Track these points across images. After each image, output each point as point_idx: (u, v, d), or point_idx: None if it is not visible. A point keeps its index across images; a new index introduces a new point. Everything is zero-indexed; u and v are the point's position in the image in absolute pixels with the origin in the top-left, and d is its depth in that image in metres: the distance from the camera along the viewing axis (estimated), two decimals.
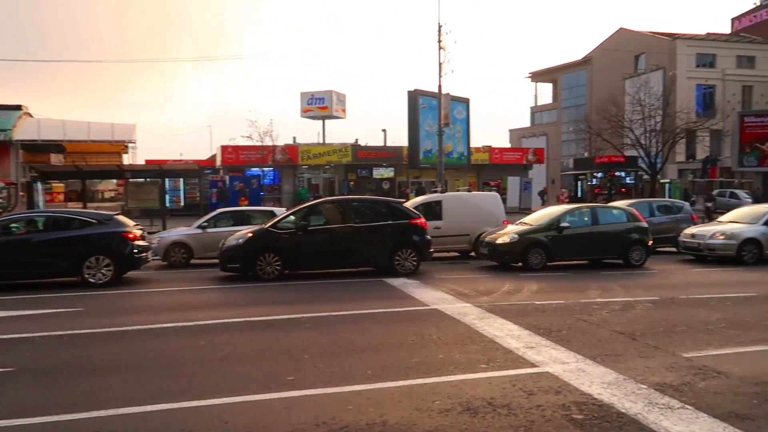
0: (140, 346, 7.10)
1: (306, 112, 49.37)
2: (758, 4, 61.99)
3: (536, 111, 67.38)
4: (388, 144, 42.05)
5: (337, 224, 13.12)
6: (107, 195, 39.17)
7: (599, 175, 44.17)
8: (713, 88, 47.24)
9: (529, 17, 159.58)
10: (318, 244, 12.76)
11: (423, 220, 13.75)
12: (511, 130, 67.38)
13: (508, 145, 58.40)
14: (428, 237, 13.63)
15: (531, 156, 43.26)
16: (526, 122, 67.91)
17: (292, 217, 13.05)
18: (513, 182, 39.43)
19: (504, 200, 36.80)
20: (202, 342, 7.21)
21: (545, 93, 67.59)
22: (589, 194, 42.20)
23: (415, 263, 13.06)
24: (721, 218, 17.51)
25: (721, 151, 42.87)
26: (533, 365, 6.11)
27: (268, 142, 34.51)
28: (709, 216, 24.88)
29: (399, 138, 39.63)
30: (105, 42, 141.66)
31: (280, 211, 15.79)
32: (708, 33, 53.76)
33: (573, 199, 39.14)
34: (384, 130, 42.83)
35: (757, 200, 30.04)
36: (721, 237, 14.97)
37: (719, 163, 40.84)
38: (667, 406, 4.96)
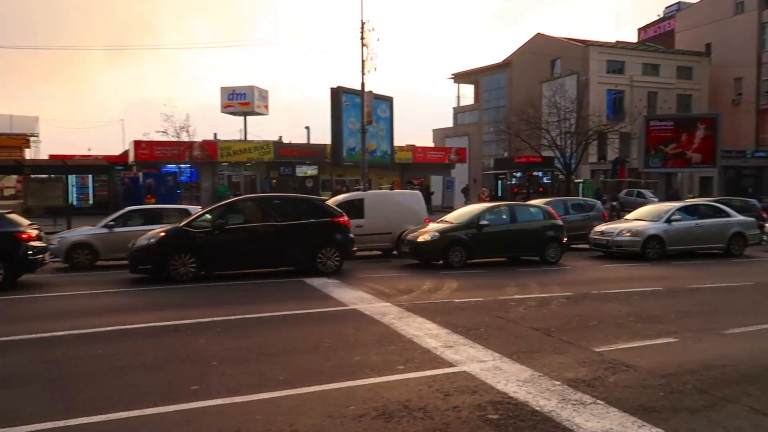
0: (25, 357, 6.44)
1: (226, 108, 47.98)
2: (662, 16, 66.31)
3: (458, 112, 68.61)
4: (312, 141, 41.51)
5: (257, 223, 12.65)
6: (7, 192, 36.41)
7: (518, 174, 45.59)
8: (622, 93, 49.81)
9: (452, 20, 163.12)
10: (236, 243, 12.25)
11: (346, 218, 13.52)
12: (434, 130, 68.22)
13: (432, 145, 59.17)
14: (351, 235, 13.42)
15: (453, 155, 44.01)
16: (449, 122, 69.06)
17: (209, 216, 12.47)
18: (436, 181, 39.97)
19: (430, 199, 37.30)
20: (99, 351, 6.63)
21: (468, 94, 69.08)
22: (509, 193, 43.48)
23: (338, 262, 12.82)
24: (628, 216, 18.35)
25: (630, 152, 45.30)
26: (451, 365, 6.01)
27: (184, 138, 33.11)
28: (616, 214, 26.10)
29: (324, 136, 39.17)
30: (5, 26, 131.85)
31: (195, 210, 15.11)
32: (617, 41, 56.70)
33: (493, 197, 40.13)
34: (307, 128, 42.34)
35: (669, 199, 31.94)
36: (628, 234, 15.66)
37: (627, 164, 43.08)
38: (580, 401, 4.98)
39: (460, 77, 67.38)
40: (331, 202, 15.75)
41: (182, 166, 34.96)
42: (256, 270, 12.69)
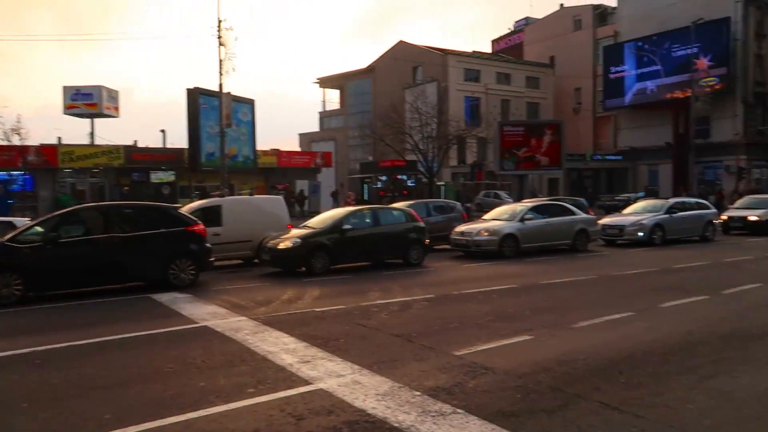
0: None
1: (70, 109, 43.67)
2: (512, 29, 71.13)
3: (325, 116, 68.44)
4: (169, 146, 39.00)
5: (98, 234, 11.29)
6: None
7: (383, 178, 46.32)
8: (478, 101, 52.57)
9: (317, 25, 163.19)
10: (72, 259, 10.84)
11: (201, 226, 12.56)
12: (300, 135, 67.37)
13: (299, 149, 58.37)
14: (208, 245, 12.49)
15: (319, 159, 43.66)
16: (316, 127, 68.62)
17: (40, 228, 10.97)
18: (301, 185, 39.34)
19: (303, 203, 36.50)
20: None
21: (334, 98, 69.15)
22: (375, 196, 43.99)
23: (193, 275, 11.86)
24: (485, 216, 19.09)
25: (486, 156, 47.83)
26: (307, 382, 5.56)
27: (16, 142, 29.52)
28: (469, 215, 27.17)
29: (183, 140, 36.66)
30: None
31: (23, 222, 13.29)
32: (474, 51, 59.87)
33: (360, 201, 40.34)
34: (163, 131, 39.70)
35: (518, 197, 33.83)
36: (486, 234, 16.23)
37: (485, 167, 45.47)
38: (440, 412, 4.76)
39: (325, 82, 67.27)
40: (186, 209, 14.67)
41: (14, 173, 31.14)
42: (98, 288, 11.33)
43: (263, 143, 38.70)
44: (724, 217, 23.19)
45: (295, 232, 14.11)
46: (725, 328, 7.57)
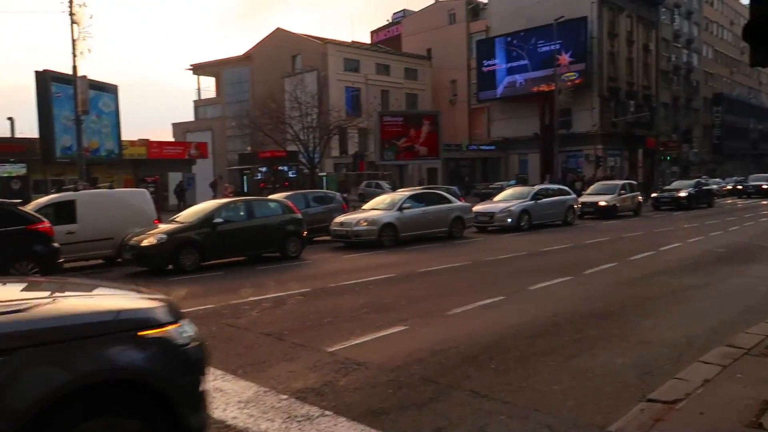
0: None
1: None
2: (390, 21, 72.01)
3: (200, 105, 65.35)
4: (19, 135, 35.10)
5: None
6: None
7: (263, 169, 45.06)
8: (359, 91, 52.63)
9: (190, 11, 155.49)
10: None
11: (47, 224, 11.25)
12: (174, 124, 63.64)
13: (173, 140, 55.14)
14: (55, 245, 11.21)
15: (193, 150, 41.46)
16: (190, 116, 65.29)
17: None
18: (175, 178, 37.13)
19: (184, 196, 34.30)
20: None
21: (210, 87, 66.14)
22: (255, 188, 42.67)
23: None
24: (365, 206, 19.04)
25: (368, 146, 48.11)
26: None
27: None
28: (348, 205, 27.11)
29: (35, 128, 33.03)
30: None
31: None
32: (353, 41, 59.84)
33: (239, 193, 38.84)
34: (10, 119, 35.56)
35: (396, 187, 34.24)
36: (365, 224, 16.15)
37: (366, 157, 45.70)
38: (307, 416, 4.45)
39: (200, 69, 64.16)
40: (32, 205, 13.15)
41: None
42: None
43: (133, 133, 36.03)
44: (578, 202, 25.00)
45: (162, 227, 13.12)
46: (586, 307, 7.93)
